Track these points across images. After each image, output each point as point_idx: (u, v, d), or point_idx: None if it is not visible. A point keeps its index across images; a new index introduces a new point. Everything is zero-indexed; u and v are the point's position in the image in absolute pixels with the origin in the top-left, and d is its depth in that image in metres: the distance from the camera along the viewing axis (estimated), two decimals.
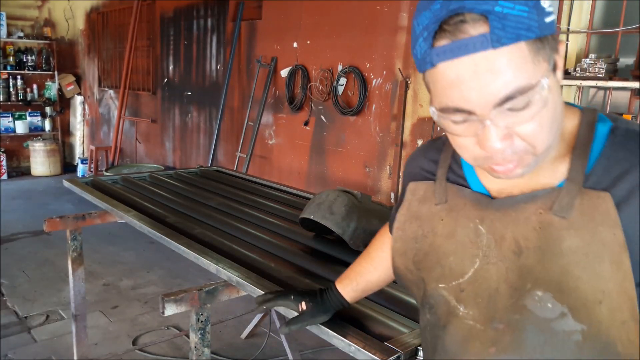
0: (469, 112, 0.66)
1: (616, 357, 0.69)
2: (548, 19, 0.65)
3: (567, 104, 0.78)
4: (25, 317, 3.45)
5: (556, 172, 0.74)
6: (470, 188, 0.82)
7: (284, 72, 4.46)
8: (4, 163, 7.49)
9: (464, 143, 0.71)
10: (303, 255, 1.79)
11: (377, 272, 1.15)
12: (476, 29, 0.63)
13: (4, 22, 7.43)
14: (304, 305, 1.23)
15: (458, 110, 0.67)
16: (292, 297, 1.25)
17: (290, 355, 2.81)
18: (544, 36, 0.64)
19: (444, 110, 0.68)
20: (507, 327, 0.74)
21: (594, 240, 0.69)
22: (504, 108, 0.65)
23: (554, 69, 0.67)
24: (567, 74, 2.65)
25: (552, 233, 0.71)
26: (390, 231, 0.97)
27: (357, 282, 1.18)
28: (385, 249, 1.12)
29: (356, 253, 1.74)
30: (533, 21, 0.63)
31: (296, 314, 1.25)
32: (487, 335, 0.75)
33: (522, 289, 0.73)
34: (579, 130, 0.74)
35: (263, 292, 1.43)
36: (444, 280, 0.81)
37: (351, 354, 1.20)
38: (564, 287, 0.70)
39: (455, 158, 0.87)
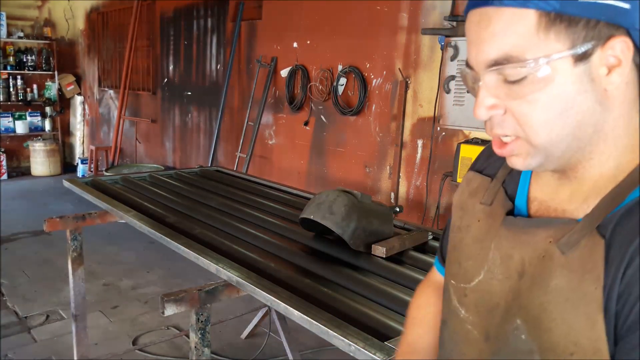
0: (473, 69, 0.66)
1: None
2: None
3: None
4: (25, 317, 3.45)
5: (586, 204, 0.67)
6: (514, 196, 0.78)
7: (284, 72, 4.46)
8: (4, 163, 7.49)
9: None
10: (303, 255, 1.79)
11: (430, 335, 0.95)
12: None
13: (4, 22, 7.43)
14: None
15: (468, 65, 0.67)
16: None
17: (290, 355, 2.81)
18: (571, 15, 0.59)
19: (465, 64, 0.68)
20: (493, 344, 0.73)
21: (578, 288, 0.62)
22: (495, 73, 0.62)
23: (582, 58, 0.60)
24: None
25: (548, 265, 0.66)
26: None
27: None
28: (424, 305, 1.01)
29: (356, 253, 1.75)
30: None
31: None
32: (480, 345, 0.76)
33: (510, 311, 0.71)
34: (634, 169, 0.64)
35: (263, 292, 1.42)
36: (456, 279, 0.81)
37: (351, 354, 1.20)
38: (539, 325, 0.66)
39: None
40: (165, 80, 6.20)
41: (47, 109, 7.94)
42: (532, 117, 0.63)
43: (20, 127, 7.76)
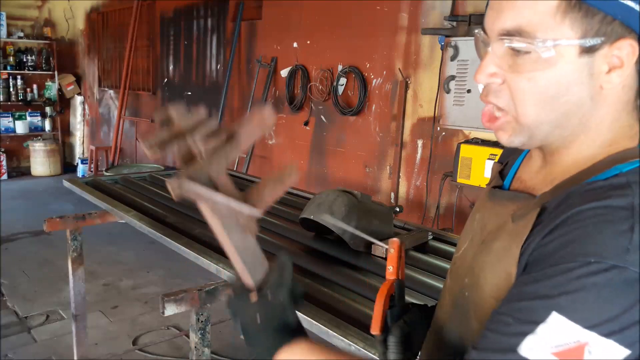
0: (486, 34, 0.68)
1: None
2: None
3: None
4: (25, 317, 3.45)
5: (551, 184, 0.69)
6: (506, 175, 0.82)
7: (284, 72, 4.46)
8: (4, 163, 7.49)
9: None
10: (303, 255, 1.79)
11: None
12: None
13: (4, 22, 7.43)
14: None
15: (483, 30, 0.69)
16: None
17: None
18: (590, 6, 0.59)
19: (481, 27, 0.70)
20: (450, 306, 0.79)
21: (507, 247, 0.66)
22: (504, 43, 0.64)
23: (589, 51, 0.61)
24: None
25: (500, 232, 0.70)
26: None
27: None
28: None
29: (356, 253, 1.75)
30: None
31: None
32: (446, 309, 0.80)
33: (466, 274, 0.76)
34: (600, 160, 0.66)
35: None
36: (455, 252, 0.86)
37: (351, 354, 1.20)
38: (476, 282, 0.71)
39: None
40: (165, 80, 6.20)
41: (47, 109, 7.94)
42: (526, 94, 0.64)
43: (20, 127, 7.76)
